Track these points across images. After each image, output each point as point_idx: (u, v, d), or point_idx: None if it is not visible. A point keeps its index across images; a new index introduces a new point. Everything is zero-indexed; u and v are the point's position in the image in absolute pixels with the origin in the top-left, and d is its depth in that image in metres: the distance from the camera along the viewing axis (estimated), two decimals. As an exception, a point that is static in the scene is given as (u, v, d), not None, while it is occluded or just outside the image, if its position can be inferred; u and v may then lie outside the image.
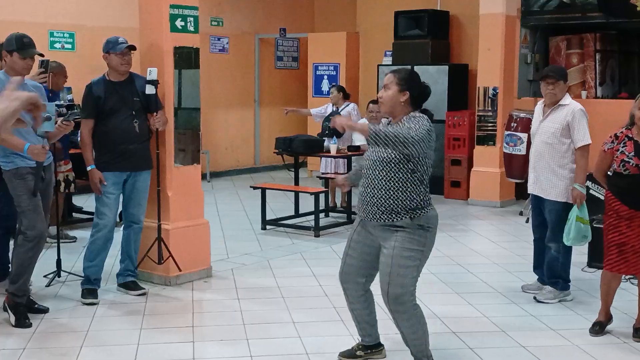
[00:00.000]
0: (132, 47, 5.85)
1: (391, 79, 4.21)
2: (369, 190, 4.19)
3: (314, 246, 7.80)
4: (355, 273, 4.39)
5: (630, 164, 4.91)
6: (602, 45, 10.81)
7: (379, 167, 4.14)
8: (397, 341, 4.85)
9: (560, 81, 5.79)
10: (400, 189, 4.10)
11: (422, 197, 4.14)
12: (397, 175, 4.09)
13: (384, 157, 4.11)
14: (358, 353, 4.62)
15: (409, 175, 4.09)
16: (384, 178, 4.12)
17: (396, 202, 4.10)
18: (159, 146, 6.09)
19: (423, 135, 4.01)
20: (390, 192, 4.11)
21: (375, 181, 4.15)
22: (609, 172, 5.10)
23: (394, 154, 4.07)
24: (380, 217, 4.14)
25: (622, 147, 4.96)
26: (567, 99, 5.84)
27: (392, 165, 4.09)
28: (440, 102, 10.95)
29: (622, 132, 5.03)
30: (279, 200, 9.86)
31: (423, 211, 4.12)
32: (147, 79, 5.83)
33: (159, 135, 6.06)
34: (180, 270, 6.21)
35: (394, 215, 4.11)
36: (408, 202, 4.10)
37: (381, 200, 4.13)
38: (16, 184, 5.27)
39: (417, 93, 4.21)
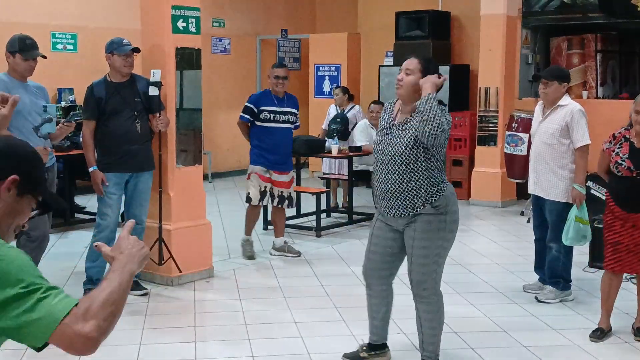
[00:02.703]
0: (137, 50, 5.87)
1: (416, 65, 4.21)
2: (387, 185, 4.22)
3: (315, 246, 7.81)
4: (379, 267, 4.44)
5: (623, 166, 4.90)
6: (603, 46, 10.81)
7: (397, 162, 4.18)
8: (402, 343, 4.86)
9: (554, 82, 5.76)
10: (419, 180, 4.17)
11: (437, 181, 4.21)
12: (414, 166, 4.16)
13: (403, 150, 4.15)
14: (362, 355, 4.62)
15: (425, 165, 4.17)
16: (403, 172, 4.17)
17: (416, 192, 4.17)
18: (160, 147, 6.11)
19: (449, 127, 4.14)
20: (409, 185, 4.17)
21: (394, 176, 4.19)
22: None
23: (414, 149, 4.12)
24: (403, 210, 4.20)
25: (618, 148, 4.95)
26: (567, 100, 5.83)
27: (410, 158, 4.15)
28: (442, 102, 10.94)
29: (620, 132, 5.02)
30: (280, 201, 9.86)
31: (439, 192, 4.20)
32: (151, 80, 5.84)
33: (160, 136, 6.08)
34: (180, 271, 6.23)
35: (415, 207, 4.18)
36: (425, 190, 4.17)
37: (402, 194, 4.18)
38: (19, 185, 5.28)
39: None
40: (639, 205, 4.91)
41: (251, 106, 7.16)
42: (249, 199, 7.25)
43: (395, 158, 4.19)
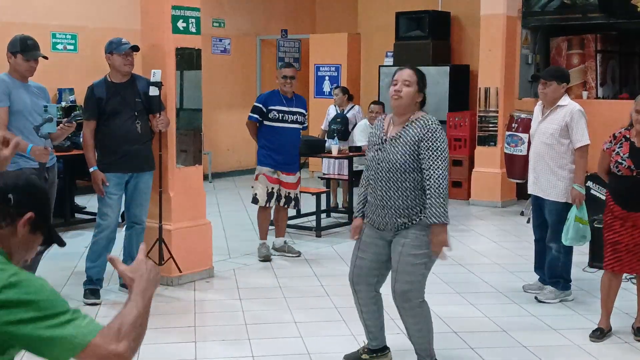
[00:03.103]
0: (135, 48, 5.87)
1: (413, 77, 4.23)
2: (383, 199, 4.20)
3: (315, 246, 7.82)
4: (366, 274, 4.41)
5: (623, 165, 4.92)
6: (603, 46, 10.82)
7: (393, 175, 4.17)
8: (401, 342, 4.87)
9: (553, 82, 5.76)
10: (415, 192, 4.16)
11: None
12: (411, 178, 4.15)
13: (399, 166, 4.14)
14: (363, 357, 4.60)
15: (420, 177, 4.15)
16: (399, 184, 4.16)
17: (412, 204, 4.16)
18: (161, 147, 6.11)
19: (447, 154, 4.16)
20: (407, 196, 4.16)
21: (389, 190, 4.18)
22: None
23: (409, 163, 4.13)
24: (397, 220, 4.19)
25: (619, 147, 4.97)
26: (566, 100, 5.84)
27: (408, 171, 4.15)
28: (442, 102, 10.96)
29: (620, 132, 5.04)
30: (280, 201, 9.86)
31: None
32: (151, 80, 5.84)
33: (161, 136, 6.08)
34: (180, 271, 6.23)
35: (410, 218, 4.17)
36: (419, 203, 4.17)
37: (397, 206, 4.17)
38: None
39: (424, 96, 4.32)
40: (639, 204, 4.92)
41: (260, 106, 7.17)
42: (255, 200, 7.24)
43: (390, 172, 4.18)
